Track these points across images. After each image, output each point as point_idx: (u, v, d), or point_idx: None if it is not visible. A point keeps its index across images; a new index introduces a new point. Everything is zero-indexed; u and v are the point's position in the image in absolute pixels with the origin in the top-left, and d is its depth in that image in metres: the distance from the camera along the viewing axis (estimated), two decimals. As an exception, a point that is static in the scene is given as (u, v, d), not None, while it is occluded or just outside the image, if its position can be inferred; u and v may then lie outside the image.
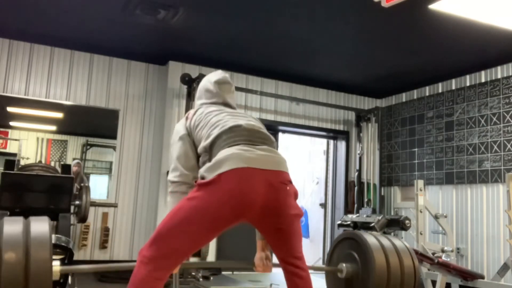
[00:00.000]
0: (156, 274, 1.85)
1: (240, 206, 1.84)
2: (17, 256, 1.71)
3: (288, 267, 2.03)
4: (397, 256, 2.59)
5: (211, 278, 5.07)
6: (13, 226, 1.82)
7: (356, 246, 2.64)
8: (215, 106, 2.24)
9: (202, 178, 1.92)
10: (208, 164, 1.92)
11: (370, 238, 2.62)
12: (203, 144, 2.05)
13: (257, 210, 1.87)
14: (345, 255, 2.70)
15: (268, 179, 1.88)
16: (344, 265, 2.63)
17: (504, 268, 3.95)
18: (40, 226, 1.85)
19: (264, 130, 2.12)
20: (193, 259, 5.40)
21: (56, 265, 1.84)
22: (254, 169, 1.87)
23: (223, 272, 5.50)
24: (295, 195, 2.00)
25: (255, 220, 1.96)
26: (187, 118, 2.20)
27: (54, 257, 1.81)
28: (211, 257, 5.63)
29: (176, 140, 2.16)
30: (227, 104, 2.30)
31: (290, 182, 1.99)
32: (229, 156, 1.87)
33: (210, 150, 2.01)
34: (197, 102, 2.36)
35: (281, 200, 1.91)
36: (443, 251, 4.46)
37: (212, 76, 2.36)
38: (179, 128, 2.19)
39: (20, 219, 1.87)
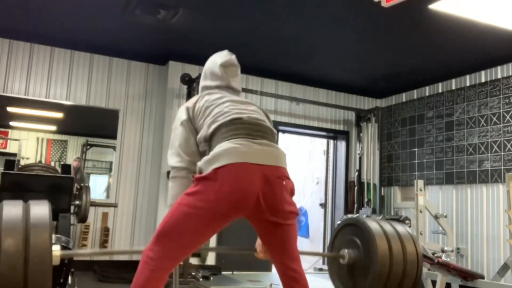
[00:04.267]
0: (159, 274, 1.87)
1: (236, 201, 1.86)
2: (16, 241, 1.69)
3: (284, 269, 2.03)
4: (400, 242, 2.57)
5: (211, 278, 5.07)
6: (12, 210, 1.80)
7: (358, 232, 2.62)
8: (219, 93, 2.22)
9: (200, 171, 1.94)
10: (206, 158, 1.94)
11: (372, 224, 2.60)
12: (203, 133, 2.06)
13: (253, 204, 1.88)
14: (347, 241, 2.67)
15: (265, 173, 1.89)
16: (346, 251, 2.61)
17: (504, 268, 3.95)
18: (40, 210, 1.83)
19: (265, 123, 2.11)
20: (193, 260, 5.41)
21: (56, 250, 1.84)
22: (251, 164, 1.88)
23: (223, 272, 5.50)
24: (292, 191, 2.00)
25: (252, 215, 1.96)
26: (189, 105, 2.19)
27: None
28: (211, 257, 5.63)
29: (177, 125, 2.16)
30: (230, 88, 2.31)
31: (287, 177, 1.99)
32: (226, 151, 1.89)
33: (210, 141, 2.03)
34: (202, 83, 2.35)
35: (278, 195, 1.91)
36: (443, 251, 4.46)
37: (218, 58, 2.34)
38: (181, 114, 2.18)
39: (19, 203, 1.86)
